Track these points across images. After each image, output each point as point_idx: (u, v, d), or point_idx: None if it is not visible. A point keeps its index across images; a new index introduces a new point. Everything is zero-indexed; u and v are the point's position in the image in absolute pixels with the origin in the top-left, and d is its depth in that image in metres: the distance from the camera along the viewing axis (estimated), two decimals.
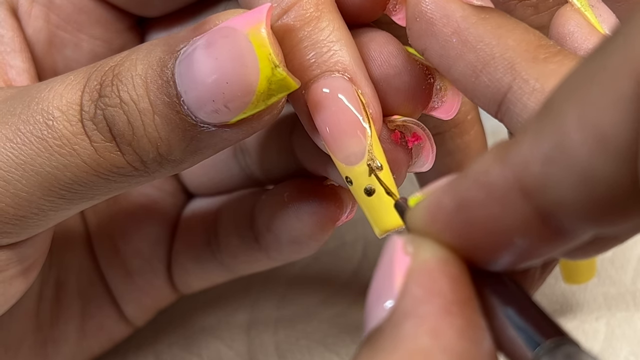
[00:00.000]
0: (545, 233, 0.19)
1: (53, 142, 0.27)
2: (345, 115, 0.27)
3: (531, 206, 0.19)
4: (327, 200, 0.31)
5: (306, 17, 0.27)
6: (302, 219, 0.32)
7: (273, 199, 0.33)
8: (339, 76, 0.27)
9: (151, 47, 0.27)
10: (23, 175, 0.27)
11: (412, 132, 0.29)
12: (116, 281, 0.37)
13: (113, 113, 0.27)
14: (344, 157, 0.27)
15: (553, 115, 0.18)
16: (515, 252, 0.20)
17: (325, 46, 0.27)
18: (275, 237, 0.33)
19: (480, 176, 0.20)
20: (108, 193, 0.28)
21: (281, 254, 0.34)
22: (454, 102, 0.30)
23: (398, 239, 0.21)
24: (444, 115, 0.30)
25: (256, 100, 0.26)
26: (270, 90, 0.26)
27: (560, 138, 0.18)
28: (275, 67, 0.25)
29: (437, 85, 0.29)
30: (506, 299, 0.20)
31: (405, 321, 0.19)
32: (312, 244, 0.33)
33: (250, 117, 0.26)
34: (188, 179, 0.37)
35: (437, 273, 0.20)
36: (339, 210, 0.31)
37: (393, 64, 0.28)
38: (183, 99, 0.26)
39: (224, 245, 0.35)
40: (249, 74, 0.25)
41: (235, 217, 0.35)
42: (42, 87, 0.28)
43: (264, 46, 0.25)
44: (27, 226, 0.28)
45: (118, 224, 0.37)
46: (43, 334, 0.36)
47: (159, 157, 0.27)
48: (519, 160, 0.19)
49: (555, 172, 0.18)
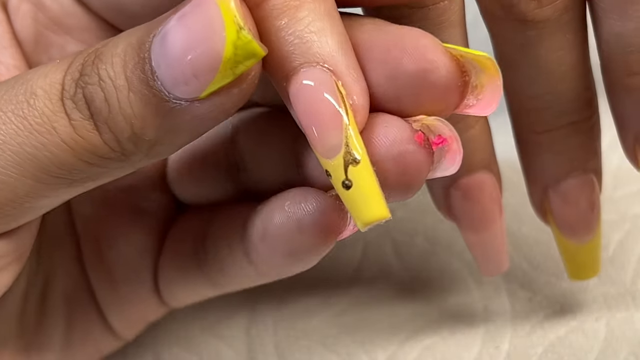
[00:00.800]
0: None
1: (33, 120, 0.27)
2: (322, 107, 0.27)
3: None
4: (330, 211, 0.30)
5: (285, 5, 0.27)
6: (303, 229, 0.30)
7: (271, 207, 0.31)
8: (318, 68, 0.27)
9: (134, 29, 0.27)
10: (1, 156, 0.27)
11: (437, 134, 0.28)
12: (101, 288, 0.36)
13: (91, 91, 0.27)
14: (324, 150, 0.27)
15: None
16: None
17: (304, 37, 0.27)
18: (270, 248, 0.31)
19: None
20: (86, 180, 0.28)
21: (273, 268, 0.32)
22: (493, 98, 0.29)
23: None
24: (480, 112, 0.29)
25: (224, 69, 0.25)
26: (236, 56, 0.25)
27: None
28: (240, 29, 0.25)
29: (473, 82, 0.28)
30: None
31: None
32: (311, 258, 0.31)
33: (219, 90, 0.26)
34: (179, 190, 0.37)
35: None
36: (342, 222, 0.30)
37: (430, 58, 0.27)
38: (157, 74, 0.26)
39: (211, 258, 0.34)
40: (215, 40, 0.25)
41: (226, 229, 0.34)
42: (29, 71, 0.28)
43: (229, 9, 0.25)
44: (3, 214, 0.28)
45: (104, 227, 0.36)
46: (26, 339, 0.35)
47: (134, 136, 0.27)
48: None
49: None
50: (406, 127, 0.28)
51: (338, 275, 0.32)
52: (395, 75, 0.27)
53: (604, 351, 0.37)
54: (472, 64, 0.28)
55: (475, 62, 0.28)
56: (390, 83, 0.28)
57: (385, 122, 0.28)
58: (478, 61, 0.28)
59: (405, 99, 0.28)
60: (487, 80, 0.28)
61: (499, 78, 0.29)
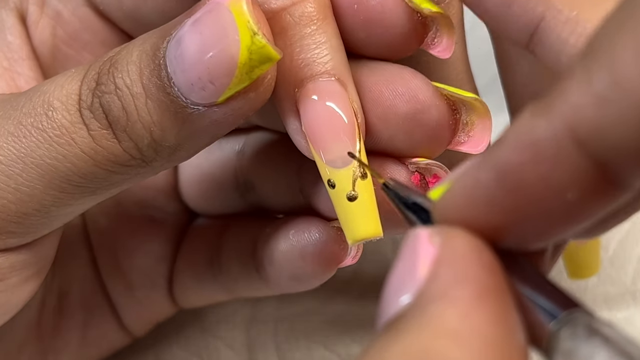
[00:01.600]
0: (600, 185, 0.18)
1: (52, 132, 0.27)
2: (337, 118, 0.27)
3: (586, 156, 0.17)
4: (332, 242, 0.31)
5: (313, 16, 0.27)
6: (306, 258, 0.31)
7: (277, 234, 0.32)
8: (335, 80, 0.27)
9: (147, 36, 0.27)
10: (24, 169, 0.27)
11: (433, 174, 0.29)
12: (117, 293, 0.37)
13: (108, 99, 0.27)
14: (331, 160, 0.27)
15: (602, 52, 0.17)
16: (566, 214, 0.18)
17: (326, 49, 0.27)
18: (276, 271, 0.33)
19: (522, 136, 0.18)
20: (109, 187, 0.28)
21: (280, 287, 0.34)
22: (483, 137, 0.29)
23: (422, 230, 0.19)
24: (471, 150, 0.29)
25: (240, 74, 0.26)
26: (251, 61, 0.25)
27: (615, 75, 0.17)
28: (254, 34, 0.25)
29: (464, 120, 0.29)
30: (524, 277, 0.19)
31: (433, 303, 0.18)
32: (313, 282, 0.32)
33: (236, 94, 0.26)
34: (192, 204, 0.37)
35: (470, 259, 0.18)
36: (343, 253, 0.31)
37: (421, 99, 0.28)
38: (173, 81, 0.26)
39: (225, 270, 0.35)
40: (230, 45, 0.25)
41: (238, 244, 0.35)
42: (46, 82, 0.28)
43: (242, 14, 0.25)
44: (30, 224, 0.28)
45: (119, 239, 0.36)
46: (44, 344, 0.35)
47: (154, 142, 0.27)
48: (568, 107, 0.17)
49: (613, 113, 0.17)
50: (402, 170, 0.29)
51: (338, 276, 0.32)
52: (388, 116, 0.28)
53: None
54: (462, 102, 0.29)
55: (466, 103, 0.29)
56: (383, 124, 0.28)
57: (382, 166, 0.29)
58: (468, 102, 0.29)
59: (398, 138, 0.28)
60: (477, 118, 0.29)
61: (488, 118, 0.29)
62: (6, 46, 0.33)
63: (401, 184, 0.23)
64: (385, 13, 0.28)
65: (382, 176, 0.27)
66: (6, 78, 0.32)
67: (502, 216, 0.19)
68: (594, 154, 0.17)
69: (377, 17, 0.28)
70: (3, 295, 0.30)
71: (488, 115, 0.29)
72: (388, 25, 0.28)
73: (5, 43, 0.33)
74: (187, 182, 0.36)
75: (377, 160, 0.29)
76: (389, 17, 0.28)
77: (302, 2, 0.27)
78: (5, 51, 0.33)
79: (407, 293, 0.18)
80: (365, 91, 0.28)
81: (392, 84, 0.28)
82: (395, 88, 0.28)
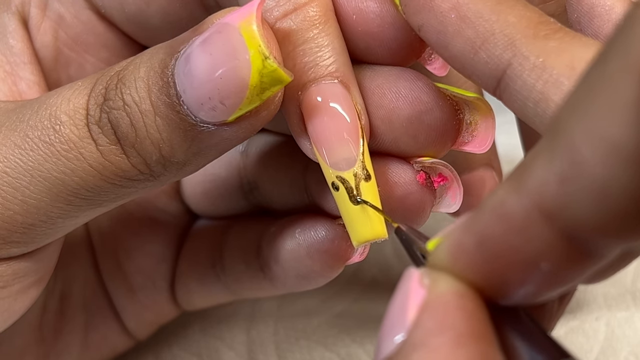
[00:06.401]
0: (572, 256, 0.19)
1: (60, 146, 0.27)
2: (341, 120, 0.27)
3: (554, 229, 0.18)
4: (339, 239, 0.31)
5: (315, 20, 0.27)
6: (312, 256, 0.31)
7: (283, 233, 0.32)
8: (338, 83, 0.27)
9: (154, 51, 0.27)
10: (31, 182, 0.27)
11: (438, 173, 0.29)
12: (119, 296, 0.37)
13: (117, 116, 0.27)
14: (335, 162, 0.27)
15: (561, 133, 0.18)
16: (543, 280, 0.19)
17: (328, 51, 0.27)
18: (282, 270, 0.33)
19: (497, 209, 0.19)
20: (116, 199, 0.28)
21: (286, 286, 0.34)
22: (487, 135, 0.29)
23: (415, 271, 0.21)
24: (476, 150, 0.30)
25: (250, 95, 0.26)
26: (262, 83, 0.25)
27: (572, 155, 0.18)
28: (266, 58, 0.25)
29: (467, 120, 0.29)
30: (517, 328, 0.20)
31: (414, 352, 0.19)
32: (320, 280, 0.32)
33: (247, 114, 0.26)
34: (194, 206, 0.37)
35: (451, 306, 0.20)
36: (350, 250, 0.31)
37: (424, 100, 0.28)
38: (182, 99, 0.26)
39: (229, 270, 0.35)
40: (241, 67, 0.25)
41: (242, 244, 0.35)
42: (51, 93, 0.28)
43: (254, 38, 0.25)
44: (35, 235, 0.28)
45: (121, 241, 0.36)
46: (46, 347, 0.35)
47: (162, 159, 0.27)
48: (534, 185, 0.18)
49: (573, 190, 0.18)
50: (408, 169, 0.29)
51: (338, 276, 0.32)
52: (391, 118, 0.28)
53: (604, 351, 0.37)
54: (465, 102, 0.29)
55: (469, 103, 0.29)
56: (387, 126, 0.28)
57: (387, 166, 0.29)
58: (471, 102, 0.29)
59: (402, 140, 0.28)
60: (480, 117, 0.29)
61: (492, 117, 0.29)
62: (8, 50, 0.33)
63: (412, 228, 0.25)
64: (384, 26, 0.28)
65: (394, 221, 0.27)
66: (8, 82, 0.32)
67: (483, 278, 0.20)
68: (562, 227, 0.18)
69: (375, 30, 0.28)
70: (5, 302, 0.30)
71: (491, 115, 0.29)
72: (386, 39, 0.28)
73: (8, 47, 0.33)
74: (190, 184, 0.36)
75: (383, 160, 0.29)
76: (387, 31, 0.28)
77: (305, 7, 0.28)
78: (7, 55, 0.33)
79: (400, 333, 0.20)
80: (368, 94, 0.28)
81: (395, 86, 0.28)
82: (398, 90, 0.28)
